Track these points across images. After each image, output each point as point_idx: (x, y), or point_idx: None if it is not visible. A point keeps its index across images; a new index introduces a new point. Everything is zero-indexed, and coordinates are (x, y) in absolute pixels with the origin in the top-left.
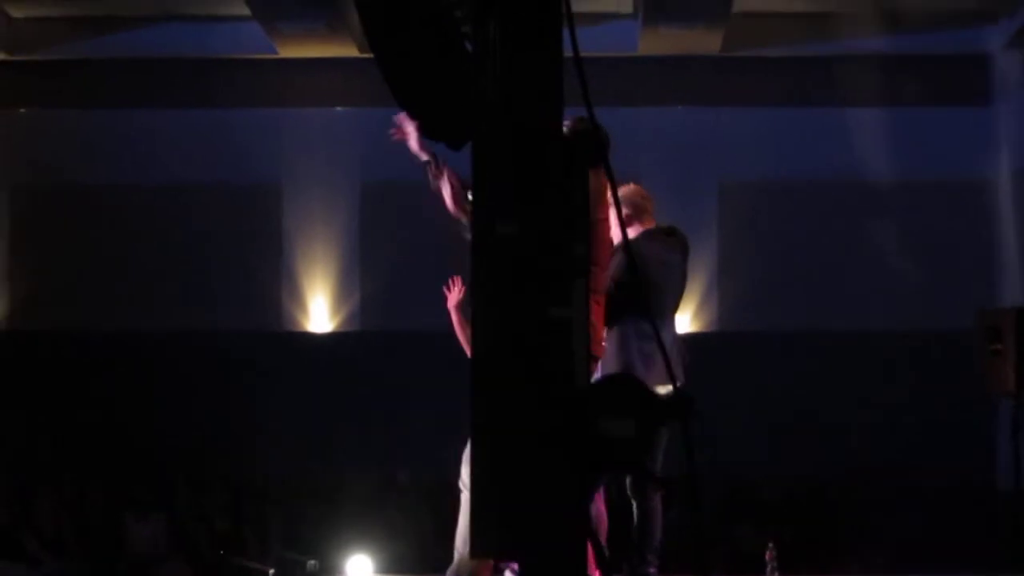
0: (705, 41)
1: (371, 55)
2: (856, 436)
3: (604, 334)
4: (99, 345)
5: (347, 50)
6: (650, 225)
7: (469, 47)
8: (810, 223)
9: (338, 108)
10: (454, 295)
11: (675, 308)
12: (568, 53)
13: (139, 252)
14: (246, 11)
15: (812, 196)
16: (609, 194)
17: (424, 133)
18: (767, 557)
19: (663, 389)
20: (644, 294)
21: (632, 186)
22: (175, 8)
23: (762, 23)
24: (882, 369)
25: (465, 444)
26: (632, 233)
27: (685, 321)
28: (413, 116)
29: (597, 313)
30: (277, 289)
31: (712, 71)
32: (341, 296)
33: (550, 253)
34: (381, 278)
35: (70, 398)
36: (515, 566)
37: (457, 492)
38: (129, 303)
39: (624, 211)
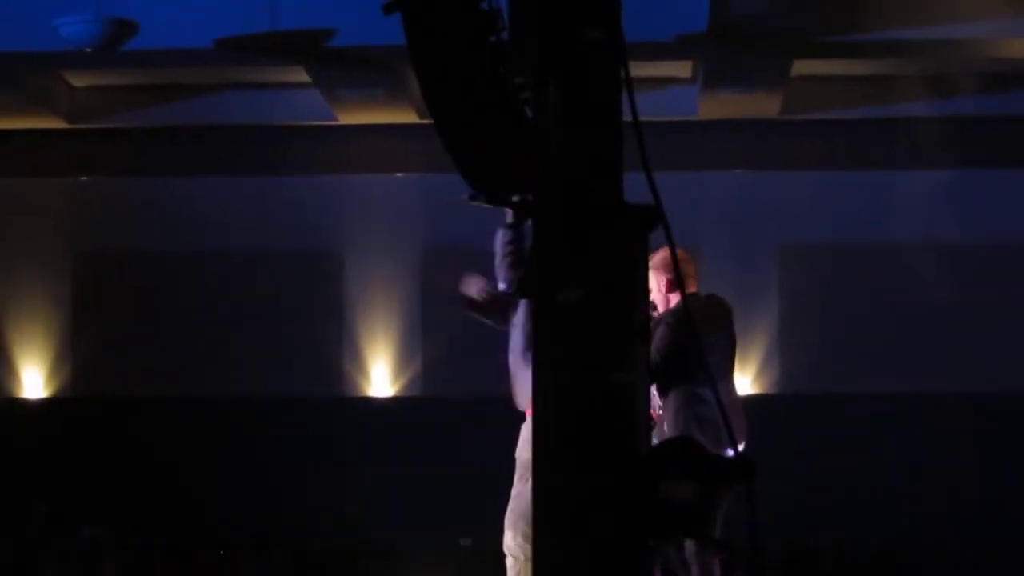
0: (764, 104)
1: (430, 120)
2: (918, 501)
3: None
4: (162, 412)
5: (407, 116)
6: (692, 290)
7: (529, 113)
8: (870, 286)
9: (398, 174)
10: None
11: (729, 371)
12: (628, 117)
13: (200, 319)
14: (306, 79)
15: (872, 259)
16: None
17: (486, 198)
18: None
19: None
20: (698, 359)
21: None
22: (236, 76)
23: (821, 86)
24: (947, 432)
25: (506, 510)
26: (673, 300)
27: (746, 383)
28: (473, 182)
29: None
30: (339, 355)
31: (771, 134)
32: (402, 362)
33: (611, 318)
34: (443, 344)
35: (133, 463)
36: None
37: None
38: (191, 370)
39: (666, 276)
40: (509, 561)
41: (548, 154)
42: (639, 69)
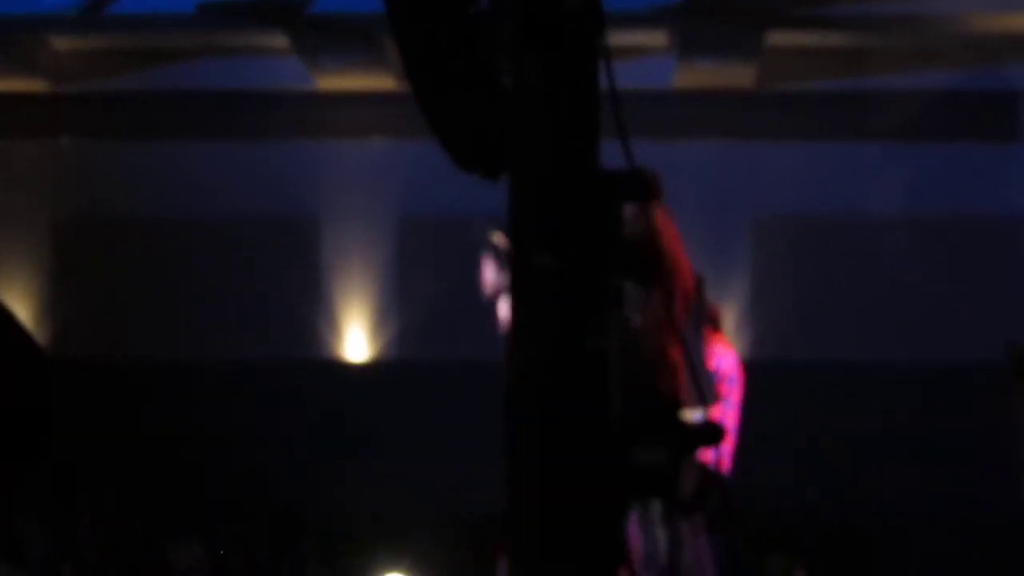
0: (739, 76)
1: (409, 88)
2: (888, 467)
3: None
4: (138, 374)
5: (386, 83)
6: None
7: (506, 81)
8: (842, 258)
9: (377, 141)
10: None
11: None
12: (604, 86)
13: (178, 283)
14: (287, 45)
15: (845, 231)
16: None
17: (460, 165)
18: None
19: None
20: None
21: None
22: (217, 42)
23: (796, 59)
24: (915, 401)
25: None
26: None
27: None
28: (448, 147)
29: (677, 353)
30: (316, 319)
31: (746, 106)
32: (378, 326)
33: (586, 283)
34: (418, 309)
35: (110, 426)
36: None
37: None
38: (168, 333)
39: None
40: None
41: (524, 120)
42: (615, 39)
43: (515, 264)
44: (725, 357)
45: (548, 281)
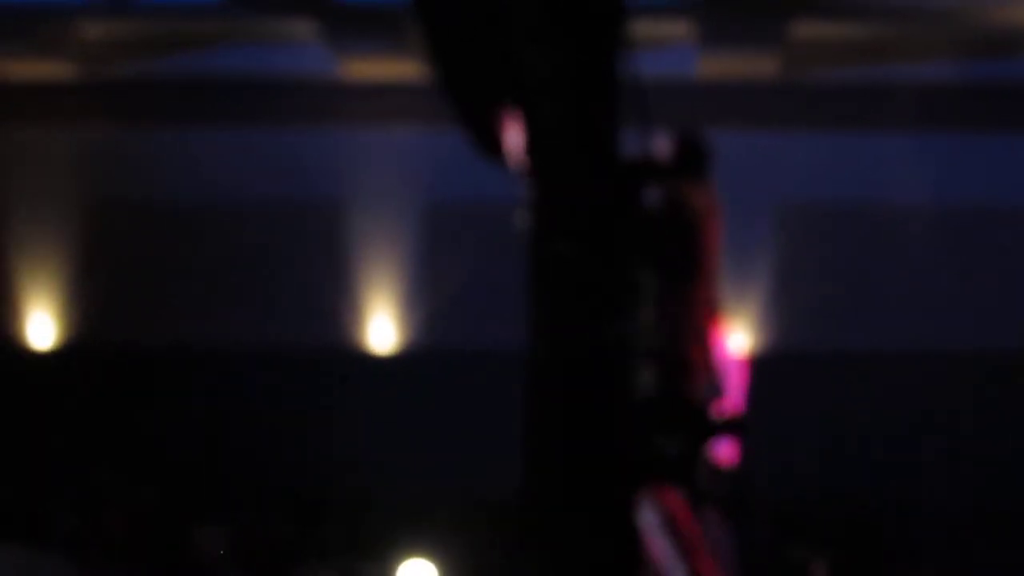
0: (762, 66)
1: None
2: (917, 459)
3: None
4: (165, 360)
5: (411, 70)
6: None
7: (530, 66)
8: (866, 247)
9: (402, 128)
10: None
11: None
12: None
13: (205, 270)
14: (312, 32)
15: (868, 221)
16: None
17: (482, 153)
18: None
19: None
20: None
21: None
22: (242, 28)
23: (819, 49)
24: (940, 391)
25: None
26: None
27: (741, 341)
28: (470, 135)
29: (698, 351)
30: (340, 307)
31: (770, 96)
32: (405, 314)
33: (604, 272)
34: (444, 296)
35: (136, 410)
36: None
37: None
38: (195, 319)
39: None
40: None
41: (545, 108)
42: (638, 29)
43: (534, 251)
44: (725, 342)
45: (569, 269)
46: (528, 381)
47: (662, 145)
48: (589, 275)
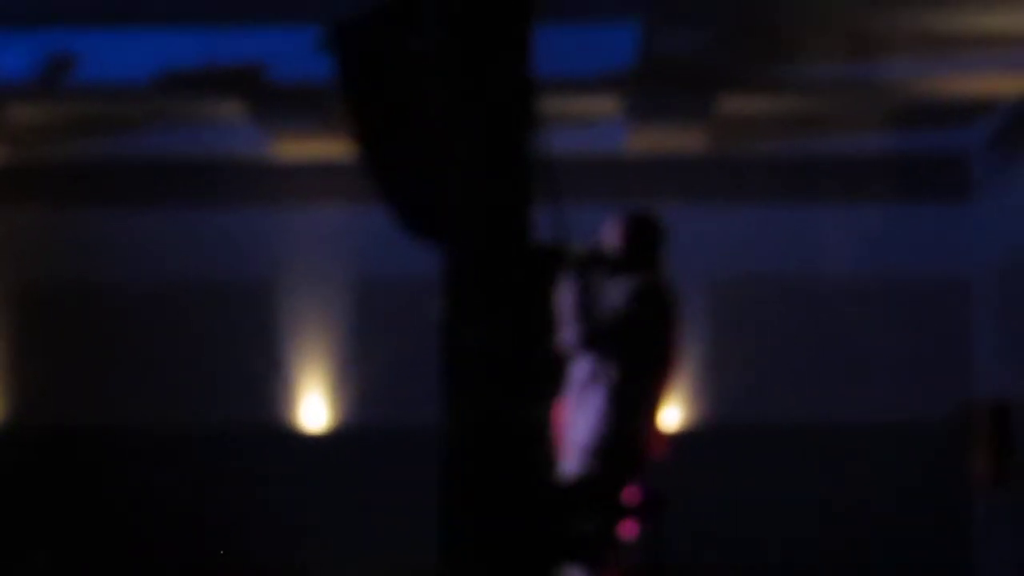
0: (691, 140)
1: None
2: (845, 529)
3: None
4: (97, 440)
5: (341, 150)
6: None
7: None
8: (796, 319)
9: (332, 207)
10: None
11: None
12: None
13: (135, 350)
14: (242, 112)
15: (798, 293)
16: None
17: (407, 231)
18: None
19: None
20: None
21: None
22: (171, 109)
23: (748, 123)
24: (866, 462)
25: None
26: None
27: (675, 415)
28: (395, 214)
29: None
30: (271, 386)
31: (699, 170)
32: (336, 392)
33: (518, 355)
34: (378, 373)
35: (65, 494)
36: None
37: None
38: (127, 399)
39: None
40: None
41: (462, 194)
42: (565, 105)
43: (447, 335)
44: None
45: (479, 353)
46: (440, 461)
47: (612, 229)
48: (501, 359)
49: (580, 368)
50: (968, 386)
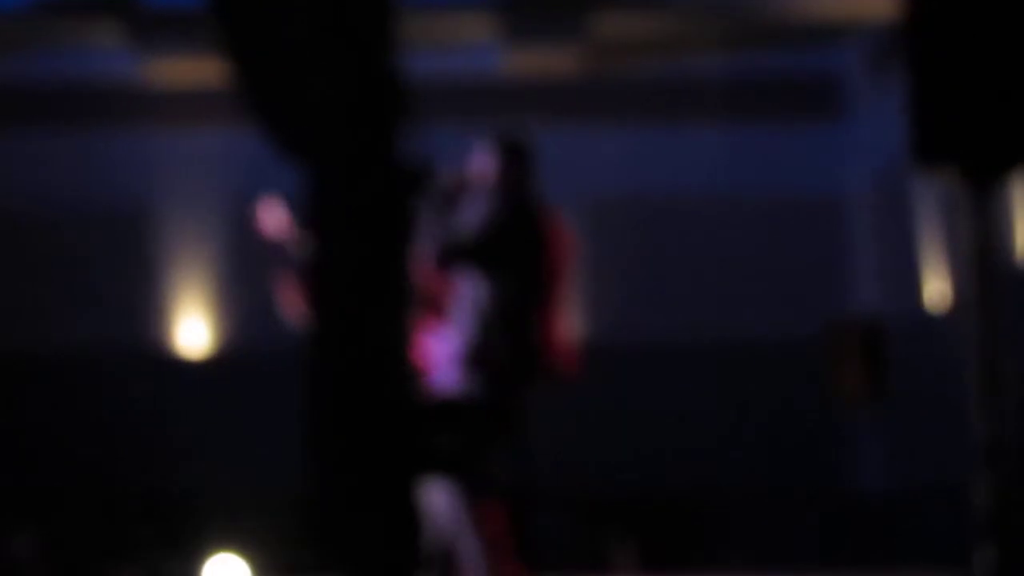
0: (564, 61)
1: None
2: (716, 444)
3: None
4: None
5: (216, 72)
6: None
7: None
8: (669, 239)
9: (207, 130)
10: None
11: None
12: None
13: (8, 275)
14: (115, 35)
15: (671, 213)
16: None
17: (280, 150)
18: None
19: None
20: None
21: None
22: (46, 33)
23: (623, 43)
24: (741, 379)
25: None
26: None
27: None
28: (267, 132)
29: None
30: (150, 309)
31: (572, 91)
32: (215, 316)
33: (379, 273)
34: (257, 297)
35: None
36: None
37: None
38: (4, 325)
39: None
40: None
41: (325, 110)
42: (440, 28)
43: (309, 255)
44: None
45: (341, 270)
46: (302, 381)
47: (482, 159)
48: (363, 276)
49: (452, 285)
50: (842, 304)
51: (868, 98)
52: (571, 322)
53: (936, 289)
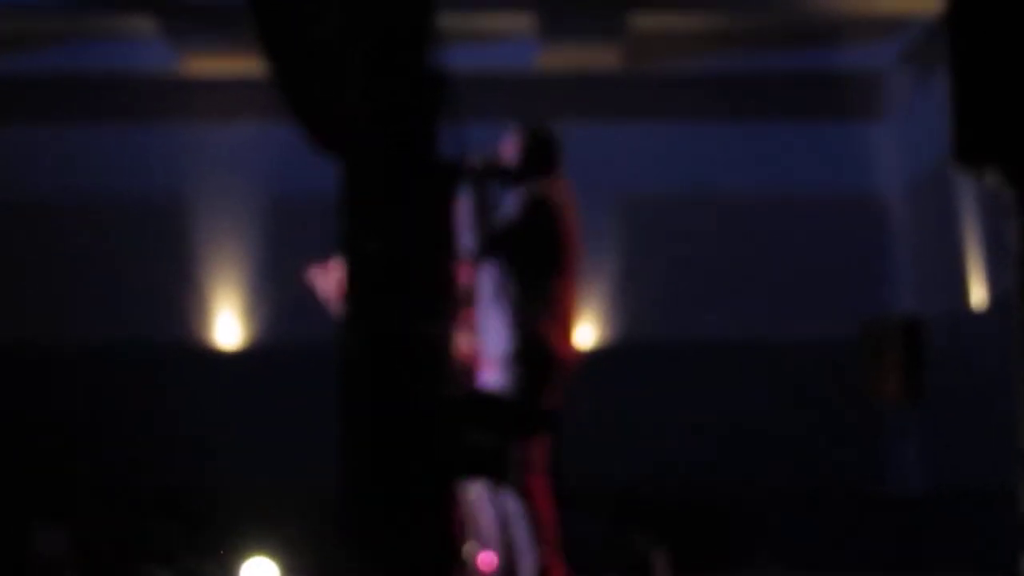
0: (602, 57)
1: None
2: (754, 445)
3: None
4: (11, 356)
5: (252, 65)
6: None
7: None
8: (706, 237)
9: (243, 123)
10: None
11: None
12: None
13: (47, 268)
14: (152, 28)
15: (709, 210)
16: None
17: (315, 146)
18: (658, 562)
19: None
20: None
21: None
22: (81, 25)
23: (660, 40)
24: (777, 379)
25: None
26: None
27: (586, 333)
28: (303, 128)
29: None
30: (185, 303)
31: (610, 88)
32: (250, 310)
33: (418, 270)
34: (292, 290)
35: None
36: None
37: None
38: (38, 318)
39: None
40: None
41: (363, 106)
42: (478, 22)
43: (348, 251)
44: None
45: (379, 267)
46: (338, 378)
47: (510, 143)
48: (401, 272)
49: (487, 280)
50: (881, 303)
51: (909, 96)
52: (605, 320)
53: (976, 290)
